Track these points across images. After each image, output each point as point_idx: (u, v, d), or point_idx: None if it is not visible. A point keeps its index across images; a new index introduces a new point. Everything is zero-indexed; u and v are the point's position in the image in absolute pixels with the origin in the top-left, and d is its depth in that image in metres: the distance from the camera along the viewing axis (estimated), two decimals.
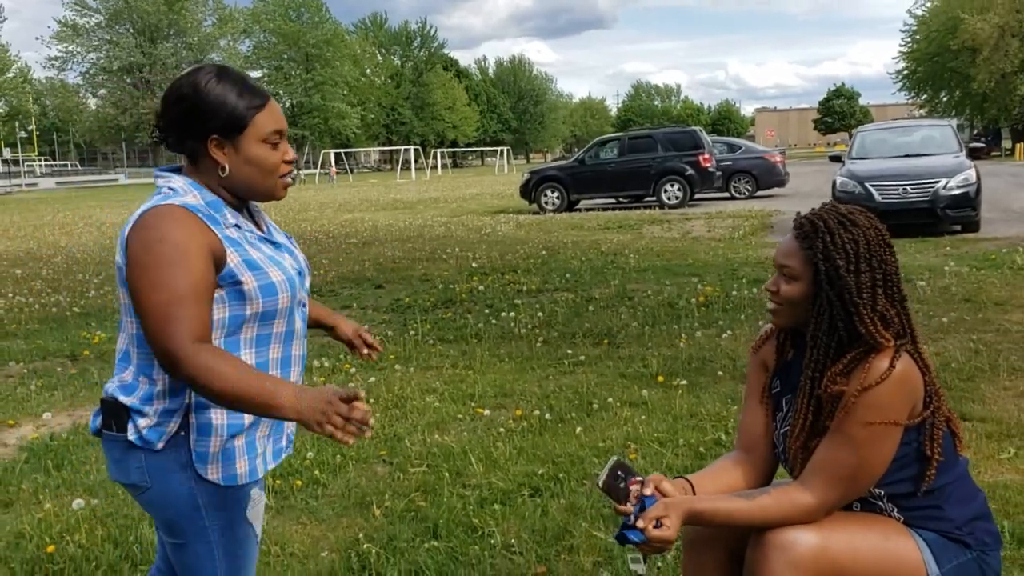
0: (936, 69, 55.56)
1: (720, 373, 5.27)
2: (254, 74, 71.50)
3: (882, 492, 1.96)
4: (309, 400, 1.57)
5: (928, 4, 56.77)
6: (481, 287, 8.96)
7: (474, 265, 10.78)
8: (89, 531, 3.34)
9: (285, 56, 70.72)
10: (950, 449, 1.99)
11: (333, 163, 60.32)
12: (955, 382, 4.84)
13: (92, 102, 63.38)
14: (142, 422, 1.75)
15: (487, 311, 7.61)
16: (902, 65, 59.79)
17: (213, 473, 1.78)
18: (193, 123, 1.75)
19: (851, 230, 1.91)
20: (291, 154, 1.86)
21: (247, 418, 1.81)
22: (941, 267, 8.83)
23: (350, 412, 1.55)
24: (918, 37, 57.27)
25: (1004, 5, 47.72)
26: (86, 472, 4.07)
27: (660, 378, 5.17)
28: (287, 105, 72.37)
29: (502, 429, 4.42)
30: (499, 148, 72.55)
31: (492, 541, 3.19)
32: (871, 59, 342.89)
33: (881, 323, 1.89)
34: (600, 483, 1.96)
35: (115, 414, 1.78)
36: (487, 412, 4.71)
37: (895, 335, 1.90)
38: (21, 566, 3.09)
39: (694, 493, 2.03)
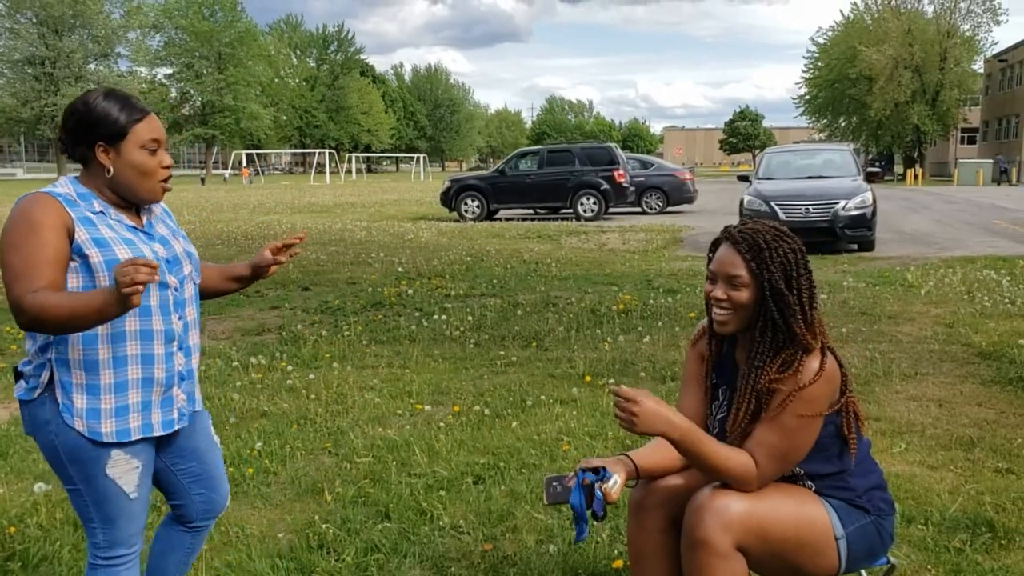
0: (836, 96, 58.25)
1: (642, 374, 5.64)
2: (164, 71, 69.58)
3: (801, 470, 2.30)
4: (110, 293, 1.90)
5: (829, 33, 59.54)
6: (410, 291, 9.16)
7: (400, 270, 10.97)
8: (48, 514, 3.44)
9: (197, 54, 69.02)
10: (856, 430, 2.34)
11: (245, 163, 59.22)
12: (853, 386, 5.31)
13: None
14: (23, 381, 2.14)
15: (418, 314, 7.83)
16: (804, 90, 62.45)
17: (79, 424, 2.09)
18: (84, 131, 2.10)
19: (787, 241, 2.23)
20: (168, 160, 2.19)
21: (104, 379, 2.10)
22: (840, 283, 9.47)
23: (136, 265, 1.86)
24: (819, 64, 59.97)
25: (898, 39, 50.39)
26: (33, 460, 4.13)
27: (587, 378, 5.50)
28: (198, 103, 70.69)
29: (442, 423, 4.66)
30: (415, 155, 72.50)
31: (441, 523, 3.44)
32: (774, 83, 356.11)
33: (812, 325, 2.22)
34: (547, 501, 2.28)
35: (15, 378, 2.17)
36: (427, 408, 4.95)
37: (819, 335, 2.24)
38: None
39: (635, 468, 2.33)
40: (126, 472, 2.17)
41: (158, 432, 2.21)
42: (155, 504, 3.62)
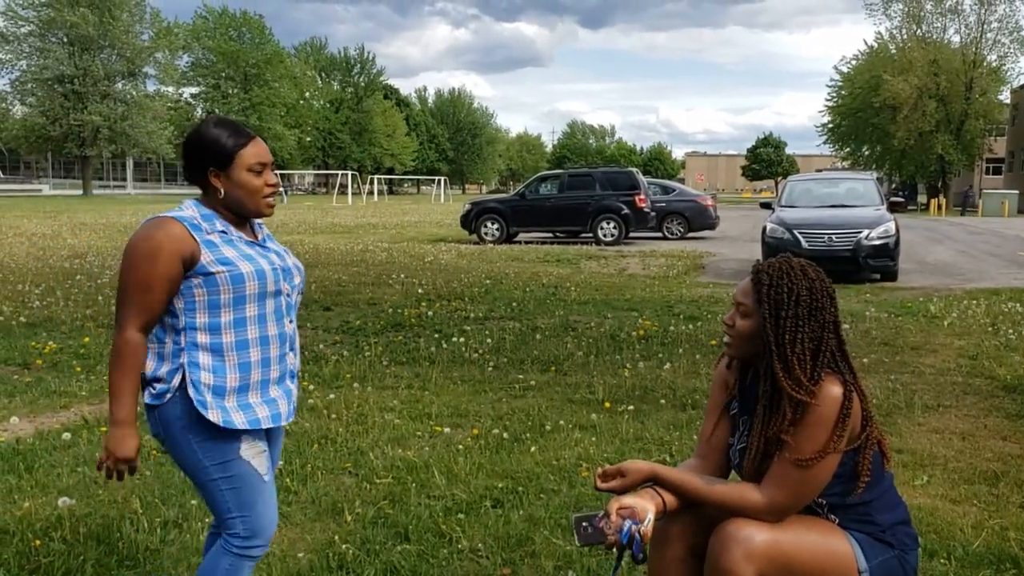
0: (859, 124, 58.09)
1: (662, 401, 5.62)
2: (191, 90, 70.47)
3: (824, 501, 2.30)
4: (118, 436, 2.24)
5: (853, 62, 59.49)
6: (429, 313, 9.20)
7: (420, 291, 11.02)
8: (72, 528, 3.48)
9: (223, 74, 69.93)
10: (879, 466, 2.34)
11: None
12: (875, 417, 5.28)
13: (18, 109, 61.39)
14: (155, 385, 2.29)
15: (437, 336, 7.86)
16: (827, 119, 62.34)
17: (214, 416, 2.26)
18: (197, 159, 2.33)
19: (795, 281, 2.22)
20: (273, 180, 2.39)
21: (230, 382, 2.30)
22: (862, 312, 9.41)
23: (118, 466, 2.25)
24: (843, 93, 59.88)
25: (923, 68, 50.23)
26: (57, 475, 4.18)
27: (607, 404, 5.50)
28: None
29: (461, 446, 4.67)
30: (436, 178, 72.95)
31: (459, 546, 3.44)
32: (796, 110, 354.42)
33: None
34: (578, 542, 2.27)
35: (143, 385, 2.31)
36: (446, 430, 4.96)
37: (837, 370, 2.23)
38: (15, 559, 3.22)
39: (661, 498, 2.33)
40: (255, 455, 2.36)
41: (269, 424, 2.39)
42: (178, 521, 3.66)
